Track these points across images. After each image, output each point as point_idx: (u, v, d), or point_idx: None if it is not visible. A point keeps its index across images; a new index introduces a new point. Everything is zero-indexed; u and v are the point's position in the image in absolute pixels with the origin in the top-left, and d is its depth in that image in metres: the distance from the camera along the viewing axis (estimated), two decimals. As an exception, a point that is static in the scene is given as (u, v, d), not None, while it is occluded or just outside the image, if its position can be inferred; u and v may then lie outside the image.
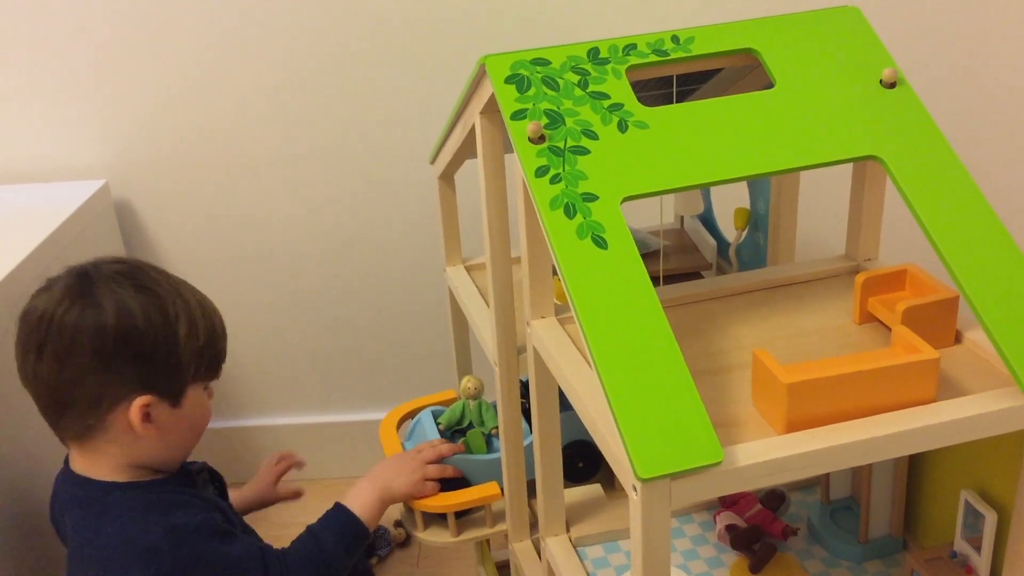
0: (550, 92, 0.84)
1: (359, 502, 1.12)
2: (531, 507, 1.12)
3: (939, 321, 0.82)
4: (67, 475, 1.01)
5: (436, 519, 1.18)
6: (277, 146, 1.50)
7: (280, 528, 1.57)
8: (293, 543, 1.07)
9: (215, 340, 1.01)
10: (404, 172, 1.51)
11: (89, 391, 0.95)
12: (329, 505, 1.12)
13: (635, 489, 0.66)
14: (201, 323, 0.99)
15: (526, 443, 1.09)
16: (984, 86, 1.48)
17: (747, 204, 1.17)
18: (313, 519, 1.10)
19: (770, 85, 0.87)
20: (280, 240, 1.56)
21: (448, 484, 1.16)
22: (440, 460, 1.15)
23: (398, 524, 1.55)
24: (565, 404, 0.88)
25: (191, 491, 1.03)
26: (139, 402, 0.95)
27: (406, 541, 1.55)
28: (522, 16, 1.40)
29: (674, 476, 0.66)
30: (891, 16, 1.41)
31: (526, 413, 1.05)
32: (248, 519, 1.14)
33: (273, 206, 1.54)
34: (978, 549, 0.86)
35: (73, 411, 0.97)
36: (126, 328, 0.94)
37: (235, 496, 1.25)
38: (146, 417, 0.96)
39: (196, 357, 0.99)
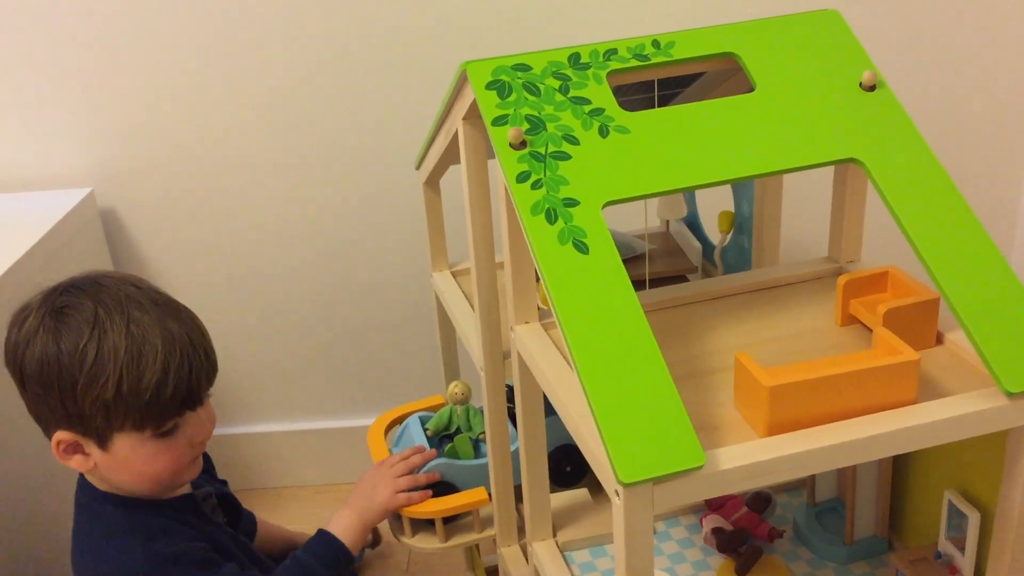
0: (531, 98, 0.84)
1: (340, 526, 1.12)
2: (519, 512, 1.12)
3: (920, 322, 0.82)
4: (79, 478, 1.02)
5: (424, 525, 1.18)
6: (263, 154, 1.50)
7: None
8: (277, 571, 1.07)
9: (139, 392, 0.92)
10: (390, 178, 1.50)
11: (29, 408, 0.97)
12: (317, 511, 1.12)
13: (617, 494, 0.67)
14: (115, 377, 0.91)
15: (513, 448, 1.09)
16: (963, 89, 1.49)
17: (732, 207, 1.17)
18: (303, 527, 1.11)
19: (751, 89, 0.87)
20: (266, 247, 1.56)
21: (436, 490, 1.16)
22: (412, 471, 1.15)
23: None
24: (551, 409, 0.88)
25: (185, 517, 1.02)
26: (56, 436, 0.95)
27: (374, 543, 1.52)
28: (504, 22, 1.41)
29: (656, 480, 0.66)
30: (871, 19, 1.41)
31: (513, 418, 1.05)
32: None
33: (259, 214, 1.54)
34: (962, 549, 0.86)
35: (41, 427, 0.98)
36: (29, 363, 0.93)
37: (276, 531, 1.26)
38: (71, 449, 0.95)
39: (104, 408, 0.92)
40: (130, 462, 0.96)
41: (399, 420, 1.31)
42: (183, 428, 0.98)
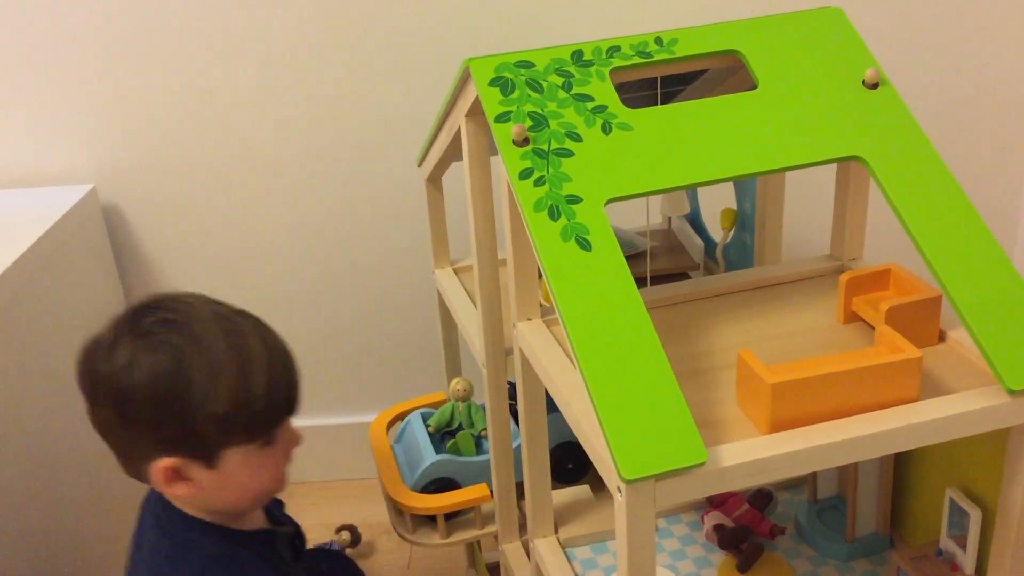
0: (534, 94, 0.84)
1: None
2: (520, 508, 1.12)
3: (922, 320, 0.82)
4: (160, 497, 0.97)
5: (426, 521, 1.18)
6: (265, 150, 1.50)
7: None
8: None
9: (250, 403, 0.89)
10: (392, 175, 1.51)
11: (119, 445, 0.92)
12: (319, 507, 1.11)
13: (620, 490, 0.67)
14: (226, 385, 0.88)
15: (515, 445, 1.09)
16: (966, 86, 1.49)
17: (734, 204, 1.17)
18: (305, 522, 1.10)
19: (754, 86, 0.87)
20: (268, 244, 1.56)
21: (438, 486, 1.16)
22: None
23: (339, 529, 1.52)
24: (553, 406, 0.88)
25: (267, 552, 0.99)
26: (161, 465, 0.89)
27: (355, 543, 1.52)
28: (507, 19, 1.41)
29: (658, 477, 0.66)
30: (873, 17, 1.41)
31: (515, 415, 1.05)
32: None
33: (261, 210, 1.54)
34: (964, 547, 0.86)
35: (123, 458, 0.93)
36: (132, 391, 0.87)
37: None
38: (175, 476, 0.90)
39: (218, 423, 0.88)
40: (237, 477, 0.92)
41: (401, 417, 1.31)
42: (281, 436, 0.96)
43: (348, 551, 1.52)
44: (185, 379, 0.87)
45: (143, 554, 0.98)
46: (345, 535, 1.52)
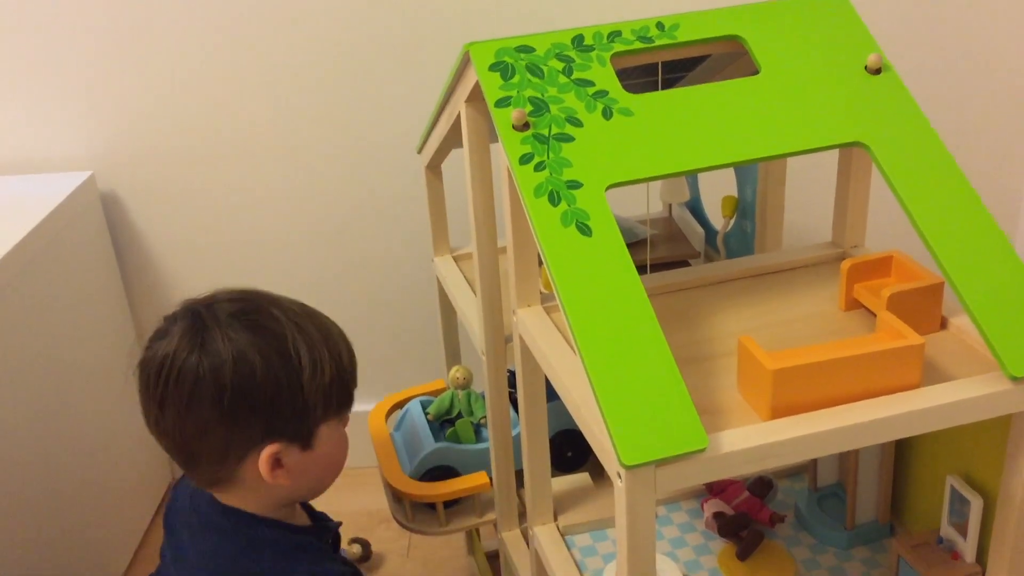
0: (534, 79, 0.83)
1: None
2: (520, 496, 1.12)
3: (924, 307, 0.82)
4: (209, 500, 0.96)
5: (425, 509, 1.18)
6: (264, 137, 1.49)
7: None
8: None
9: (343, 371, 0.94)
10: (391, 163, 1.50)
11: (215, 445, 0.90)
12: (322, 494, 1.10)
13: (620, 476, 0.66)
14: (326, 357, 0.91)
15: (514, 433, 1.09)
16: (969, 71, 1.48)
17: (735, 192, 1.17)
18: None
19: (756, 72, 0.86)
20: (267, 232, 1.56)
21: (437, 474, 1.16)
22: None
23: (353, 541, 1.50)
24: (553, 393, 0.88)
25: (326, 543, 1.01)
26: (267, 453, 0.89)
27: (364, 556, 1.50)
28: (508, 3, 1.40)
29: (658, 463, 0.66)
30: (876, 2, 1.40)
31: (515, 402, 1.05)
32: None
33: (260, 197, 1.53)
34: (964, 535, 0.86)
35: (203, 464, 0.92)
36: (245, 378, 0.87)
37: None
38: (276, 464, 0.91)
39: (324, 395, 0.91)
40: (327, 453, 0.95)
41: (400, 404, 1.31)
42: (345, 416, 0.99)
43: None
44: (295, 357, 0.89)
45: (191, 563, 0.96)
46: (356, 548, 1.50)
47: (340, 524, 1.06)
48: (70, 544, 1.35)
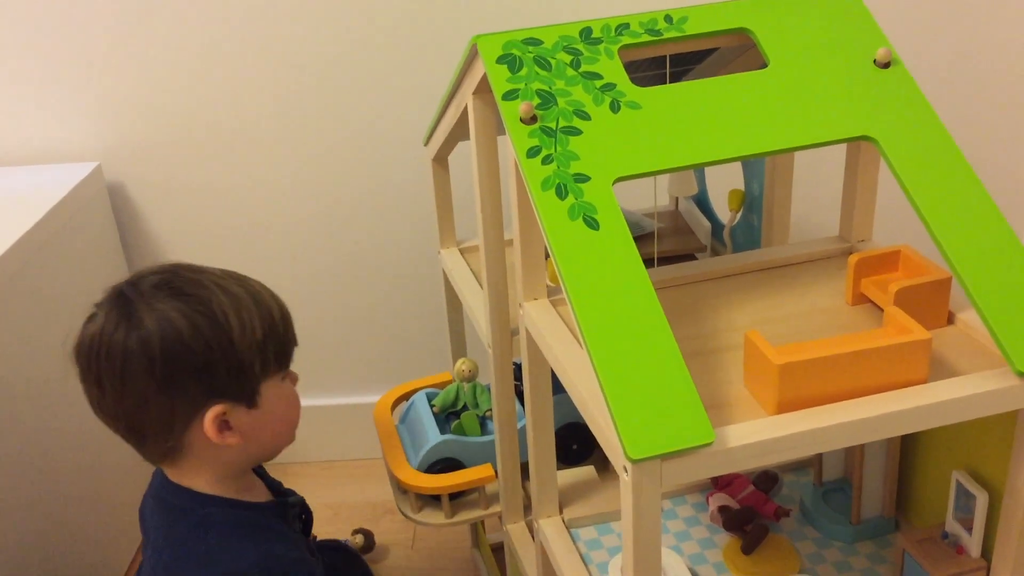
0: (542, 72, 0.83)
1: None
2: (525, 489, 1.12)
3: (932, 302, 0.82)
4: (164, 485, 0.97)
5: (430, 501, 1.18)
6: (271, 129, 1.49)
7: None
8: None
9: (276, 328, 0.94)
10: (398, 155, 1.50)
11: (157, 416, 0.90)
12: (324, 487, 1.11)
13: (626, 470, 0.66)
14: (255, 315, 0.92)
15: (520, 425, 1.09)
16: (979, 66, 1.48)
17: (741, 186, 1.17)
18: (310, 501, 1.10)
19: (764, 65, 0.86)
20: (273, 223, 1.56)
21: (442, 466, 1.16)
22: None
23: (356, 532, 1.50)
24: (559, 387, 0.88)
25: (283, 523, 1.00)
26: (211, 414, 0.90)
27: (367, 546, 1.50)
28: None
29: (665, 457, 0.66)
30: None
31: (520, 395, 1.05)
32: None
33: (266, 189, 1.53)
34: (969, 530, 0.86)
35: (150, 437, 0.93)
36: (173, 344, 0.88)
37: None
38: (224, 426, 0.91)
39: (259, 352, 0.92)
40: (276, 411, 0.96)
41: (406, 396, 1.31)
42: (290, 374, 1.00)
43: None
44: (222, 317, 0.90)
45: (155, 544, 0.97)
46: (359, 538, 1.50)
47: (301, 499, 1.06)
48: (72, 541, 1.36)
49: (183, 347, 0.88)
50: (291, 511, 1.03)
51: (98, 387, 0.91)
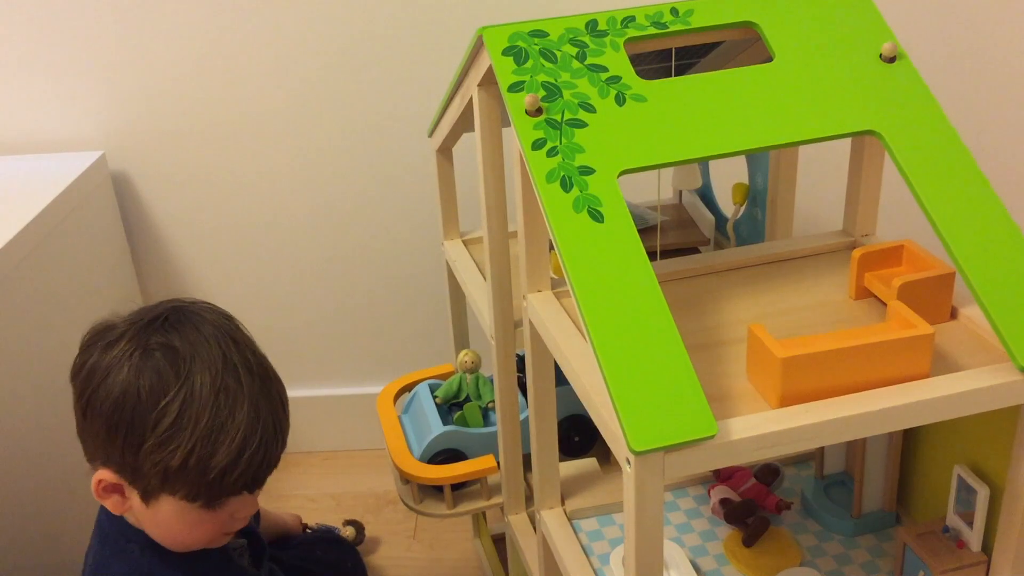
0: (548, 64, 0.83)
1: None
2: (527, 480, 1.13)
3: (935, 297, 0.82)
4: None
5: (432, 492, 1.18)
6: (275, 119, 1.49)
7: (277, 500, 1.59)
8: None
9: (201, 469, 0.84)
10: (403, 146, 1.50)
11: (79, 431, 0.89)
12: (326, 477, 1.11)
13: (629, 462, 0.67)
14: (187, 448, 0.83)
15: (522, 417, 1.09)
16: (985, 61, 1.47)
17: (746, 179, 1.17)
18: (312, 491, 1.11)
19: (770, 59, 0.86)
20: (277, 213, 1.56)
21: (445, 457, 1.17)
22: None
23: (347, 523, 1.48)
24: (561, 379, 0.88)
25: (218, 569, 0.97)
26: (99, 474, 0.87)
27: (358, 538, 1.48)
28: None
29: (668, 449, 0.66)
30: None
31: (523, 387, 1.05)
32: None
33: (270, 179, 1.53)
34: (970, 524, 0.86)
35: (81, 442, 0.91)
36: (98, 397, 0.84)
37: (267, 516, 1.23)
38: (111, 490, 0.88)
39: (163, 475, 0.84)
40: (169, 524, 0.89)
41: (409, 388, 1.31)
42: (232, 504, 0.90)
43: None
44: (155, 419, 0.83)
45: (86, 562, 0.97)
46: (350, 530, 1.47)
47: (243, 541, 1.02)
48: (74, 535, 1.36)
49: (101, 407, 0.84)
50: (236, 552, 1.00)
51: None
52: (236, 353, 0.88)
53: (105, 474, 0.87)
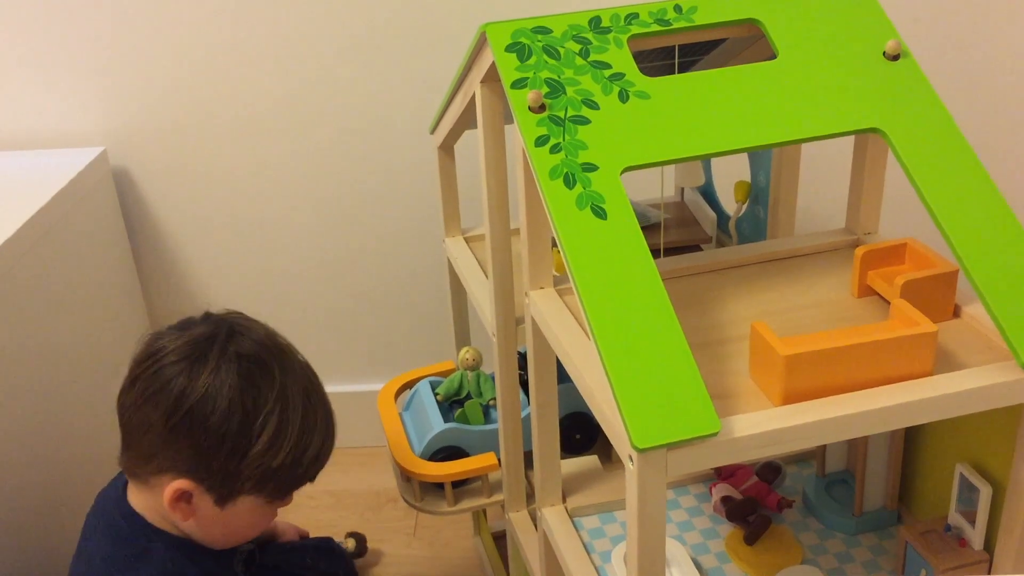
0: (551, 61, 0.83)
1: None
2: (528, 478, 1.12)
3: (938, 295, 0.82)
4: (119, 503, 0.98)
5: (433, 489, 1.18)
6: (276, 115, 1.49)
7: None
8: None
9: (296, 468, 0.94)
10: (405, 142, 1.50)
11: (147, 445, 0.92)
12: (326, 474, 1.11)
13: (631, 459, 0.67)
14: (289, 446, 0.92)
15: (523, 414, 1.09)
16: (989, 59, 1.47)
17: (748, 177, 1.16)
18: (310, 488, 1.10)
19: (773, 56, 0.86)
20: (278, 210, 1.56)
21: (446, 454, 1.17)
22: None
23: (349, 535, 1.47)
24: (563, 376, 0.88)
25: (221, 569, 1.01)
26: (176, 485, 0.91)
27: (359, 550, 1.47)
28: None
29: (670, 446, 0.66)
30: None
31: (524, 384, 1.05)
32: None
33: (271, 175, 1.53)
34: (972, 523, 0.86)
35: (133, 452, 0.95)
36: (199, 415, 0.89)
37: None
38: (181, 498, 0.92)
39: (261, 475, 0.92)
40: (237, 521, 0.96)
41: (410, 385, 1.31)
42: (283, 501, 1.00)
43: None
44: (260, 425, 0.90)
45: (90, 566, 0.98)
46: (351, 542, 1.47)
47: (251, 546, 1.05)
48: (73, 532, 1.36)
49: (204, 423, 0.89)
50: (236, 556, 1.03)
51: (131, 382, 0.93)
52: (295, 353, 0.99)
53: (184, 483, 0.91)
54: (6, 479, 1.19)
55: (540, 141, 0.79)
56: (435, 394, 1.23)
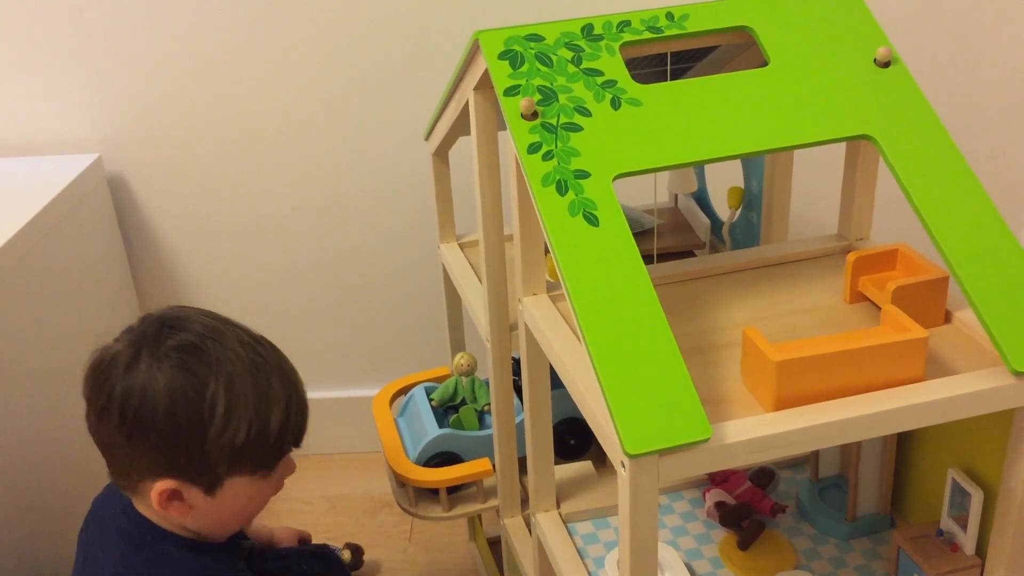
0: (543, 68, 0.83)
1: None
2: (522, 483, 1.13)
3: (929, 301, 0.82)
4: (126, 510, 0.97)
5: (428, 495, 1.18)
6: (271, 121, 1.49)
7: (273, 502, 1.58)
8: None
9: (265, 438, 0.91)
10: (399, 149, 1.50)
11: (119, 459, 0.92)
12: (322, 480, 1.11)
13: (623, 465, 0.67)
14: (249, 419, 0.90)
15: (518, 420, 1.09)
16: (979, 66, 1.48)
17: (741, 183, 1.17)
18: (308, 494, 1.11)
19: (764, 63, 0.86)
20: (273, 216, 1.56)
21: (440, 460, 1.17)
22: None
23: (347, 546, 1.46)
24: (557, 382, 0.89)
25: (235, 564, 1.01)
26: (159, 486, 0.90)
27: (355, 562, 1.45)
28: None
29: (662, 452, 0.66)
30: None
31: (518, 390, 1.06)
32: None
33: (266, 182, 1.54)
34: (964, 527, 0.87)
35: (113, 469, 0.94)
36: (145, 414, 0.88)
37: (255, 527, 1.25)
38: (172, 497, 0.91)
39: (231, 455, 0.90)
40: (233, 504, 0.94)
41: (405, 390, 1.31)
42: (281, 467, 0.98)
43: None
44: (208, 408, 0.88)
45: (101, 571, 0.97)
46: (347, 553, 1.45)
47: (251, 543, 1.06)
48: (72, 535, 1.36)
49: (152, 421, 0.88)
50: (240, 552, 1.03)
51: (87, 402, 0.93)
52: (240, 332, 0.94)
53: (166, 483, 0.90)
54: (1, 480, 1.19)
55: (533, 148, 0.79)
56: (430, 400, 1.23)
